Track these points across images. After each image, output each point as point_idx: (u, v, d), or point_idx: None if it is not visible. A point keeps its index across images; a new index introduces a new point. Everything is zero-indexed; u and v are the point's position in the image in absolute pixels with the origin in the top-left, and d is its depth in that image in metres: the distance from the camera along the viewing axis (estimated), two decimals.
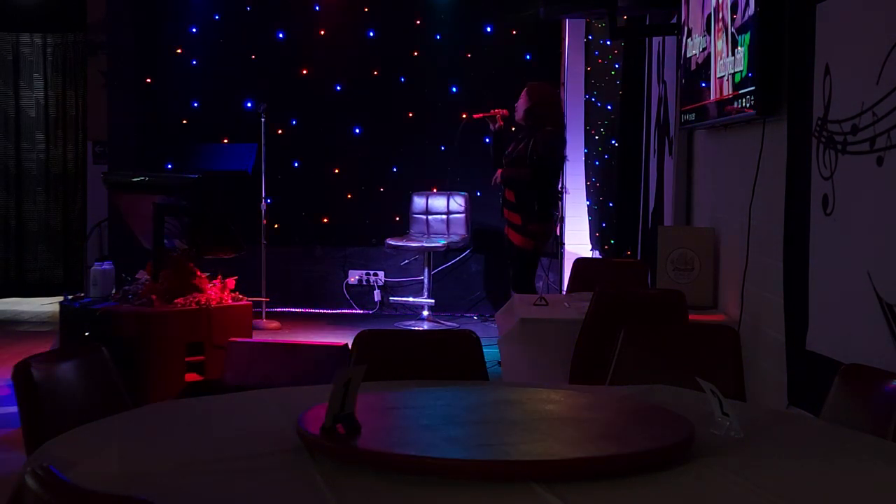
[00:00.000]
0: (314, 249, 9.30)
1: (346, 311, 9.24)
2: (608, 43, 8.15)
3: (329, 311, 9.20)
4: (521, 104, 6.79)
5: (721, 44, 4.71)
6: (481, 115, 7.15)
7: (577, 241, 8.64)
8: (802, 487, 1.96)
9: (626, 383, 2.89)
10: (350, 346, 3.15)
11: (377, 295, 9.21)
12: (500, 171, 6.77)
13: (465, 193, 8.92)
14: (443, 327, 8.37)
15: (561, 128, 6.78)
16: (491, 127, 7.05)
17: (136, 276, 5.76)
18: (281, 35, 9.33)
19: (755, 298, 4.47)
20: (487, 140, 7.14)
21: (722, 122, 4.81)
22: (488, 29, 9.19)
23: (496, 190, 6.86)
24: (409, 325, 8.42)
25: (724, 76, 4.65)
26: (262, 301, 8.18)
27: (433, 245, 8.64)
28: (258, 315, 8.11)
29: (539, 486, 1.87)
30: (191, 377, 5.56)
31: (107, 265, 5.80)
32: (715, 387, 2.30)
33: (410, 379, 2.79)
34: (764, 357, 4.32)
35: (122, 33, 9.41)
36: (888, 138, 3.10)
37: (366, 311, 9.20)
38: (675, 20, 6.03)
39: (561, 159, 6.90)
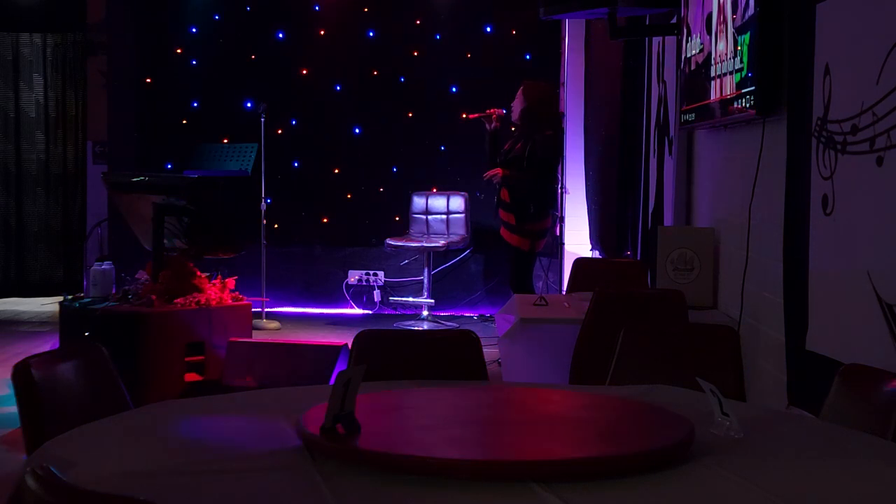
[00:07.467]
0: (314, 249, 9.31)
1: (346, 310, 9.23)
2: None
3: (329, 311, 9.19)
4: (517, 104, 6.80)
5: (721, 44, 4.71)
6: (476, 115, 7.15)
7: (577, 241, 8.63)
8: (802, 487, 1.96)
9: (626, 383, 2.89)
10: (350, 346, 3.15)
11: (377, 295, 9.21)
12: (499, 170, 6.76)
13: (465, 193, 8.92)
14: (443, 327, 8.37)
15: (558, 129, 6.78)
16: (487, 126, 7.05)
17: (136, 276, 5.76)
18: (281, 35, 9.33)
19: (755, 298, 4.47)
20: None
21: (722, 122, 4.81)
22: (488, 29, 9.18)
23: (495, 189, 6.86)
24: (409, 325, 8.42)
25: (723, 76, 4.64)
26: (262, 301, 8.18)
27: (433, 245, 8.64)
28: (258, 315, 8.11)
29: (539, 486, 1.87)
30: (191, 377, 5.56)
31: (107, 265, 5.80)
32: (715, 387, 2.30)
33: (410, 379, 2.79)
34: (764, 357, 4.32)
35: (122, 33, 9.40)
36: (888, 138, 3.09)
37: (366, 311, 9.20)
38: (675, 20, 6.03)
39: (558, 161, 6.91)
